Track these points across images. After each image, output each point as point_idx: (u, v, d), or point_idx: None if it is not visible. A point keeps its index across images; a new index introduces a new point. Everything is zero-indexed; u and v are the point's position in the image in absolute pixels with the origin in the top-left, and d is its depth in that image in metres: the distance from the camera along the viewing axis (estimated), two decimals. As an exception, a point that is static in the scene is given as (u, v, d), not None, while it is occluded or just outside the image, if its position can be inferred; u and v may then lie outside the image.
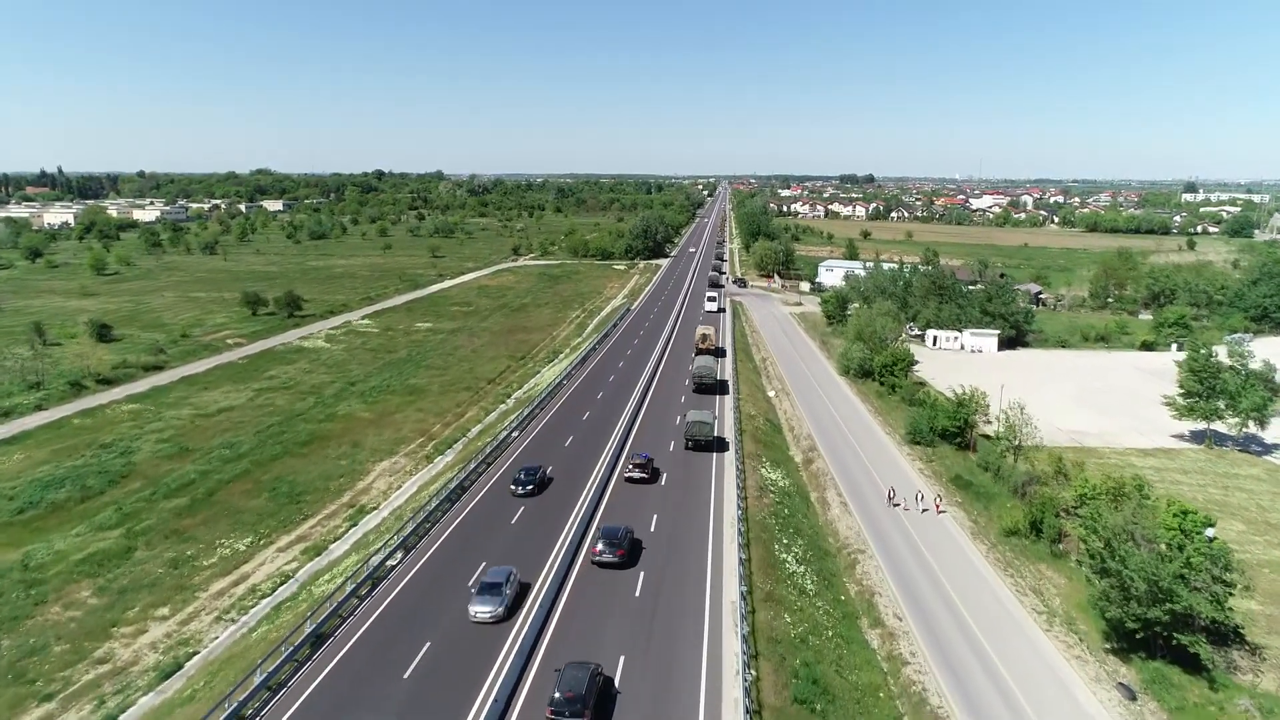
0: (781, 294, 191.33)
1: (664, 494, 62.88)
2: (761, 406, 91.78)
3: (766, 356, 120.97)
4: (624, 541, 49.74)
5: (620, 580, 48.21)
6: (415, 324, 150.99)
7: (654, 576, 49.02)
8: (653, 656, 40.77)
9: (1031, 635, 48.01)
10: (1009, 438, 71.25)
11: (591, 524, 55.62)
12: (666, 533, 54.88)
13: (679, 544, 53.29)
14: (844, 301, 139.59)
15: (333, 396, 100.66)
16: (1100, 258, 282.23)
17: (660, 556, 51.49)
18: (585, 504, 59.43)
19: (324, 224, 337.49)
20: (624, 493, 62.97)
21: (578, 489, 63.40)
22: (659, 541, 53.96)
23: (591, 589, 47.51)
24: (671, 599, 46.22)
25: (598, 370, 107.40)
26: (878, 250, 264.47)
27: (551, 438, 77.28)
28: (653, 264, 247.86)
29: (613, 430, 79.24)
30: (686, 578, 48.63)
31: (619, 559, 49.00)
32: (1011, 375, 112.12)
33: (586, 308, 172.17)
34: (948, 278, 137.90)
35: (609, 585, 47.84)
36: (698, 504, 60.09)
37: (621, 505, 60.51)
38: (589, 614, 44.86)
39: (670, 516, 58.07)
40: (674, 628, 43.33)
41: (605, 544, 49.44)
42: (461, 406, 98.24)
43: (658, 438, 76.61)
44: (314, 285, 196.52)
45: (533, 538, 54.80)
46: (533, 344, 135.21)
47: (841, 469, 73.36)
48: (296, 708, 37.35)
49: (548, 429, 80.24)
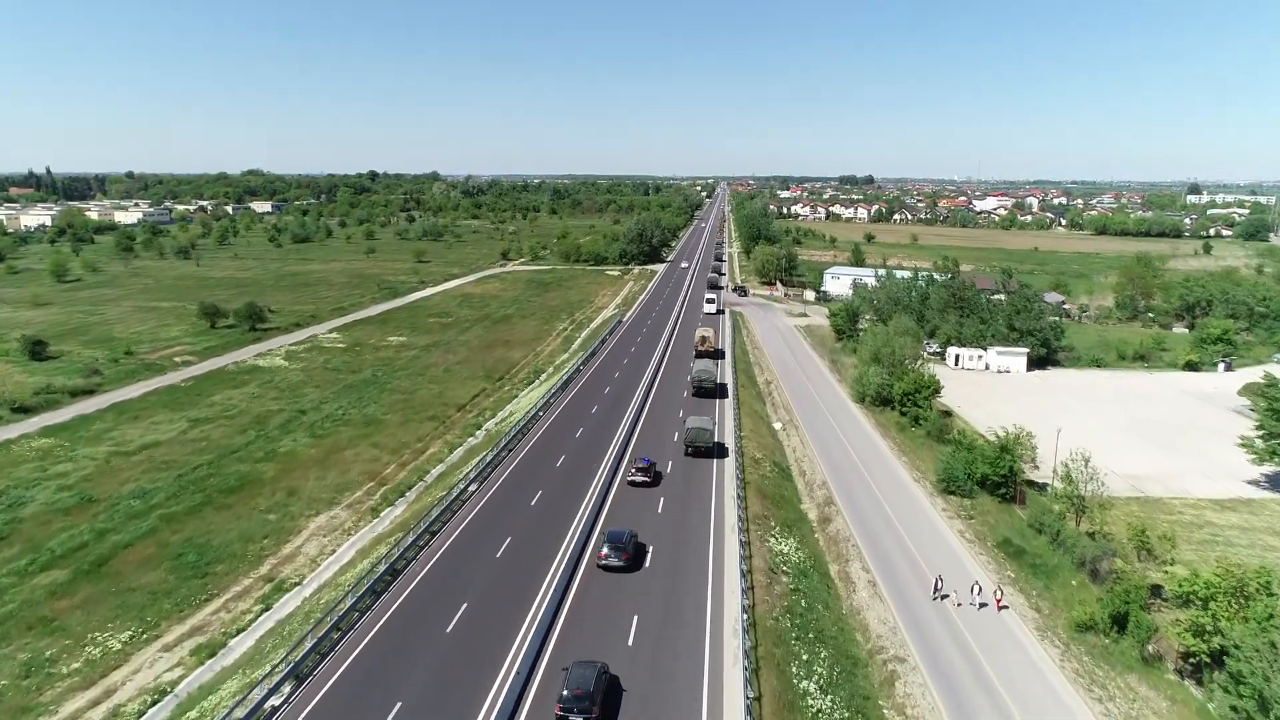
0: (785, 303, 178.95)
1: (645, 584, 50.51)
2: (767, 445, 79.33)
3: (771, 379, 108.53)
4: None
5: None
6: (387, 338, 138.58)
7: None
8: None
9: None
10: (1070, 495, 58.88)
11: (543, 656, 41.48)
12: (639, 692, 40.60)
13: (657, 691, 40.48)
14: (854, 315, 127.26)
15: (278, 429, 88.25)
16: (1117, 263, 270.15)
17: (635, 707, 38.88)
18: (540, 613, 45.39)
19: (308, 227, 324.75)
20: (595, 582, 50.55)
21: (535, 581, 49.11)
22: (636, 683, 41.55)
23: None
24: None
25: (580, 399, 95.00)
26: (885, 255, 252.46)
27: (516, 494, 64.65)
28: (648, 269, 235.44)
29: (590, 481, 66.83)
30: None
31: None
32: (1046, 401, 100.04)
33: (576, 318, 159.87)
34: (969, 289, 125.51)
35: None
36: (686, 618, 45.49)
37: (589, 613, 48.10)
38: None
39: (647, 658, 45.53)
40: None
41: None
42: (424, 440, 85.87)
43: (640, 508, 60.60)
44: (287, 293, 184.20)
45: (471, 666, 40.14)
46: (513, 362, 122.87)
47: (866, 531, 60.90)
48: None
49: (514, 481, 67.55)
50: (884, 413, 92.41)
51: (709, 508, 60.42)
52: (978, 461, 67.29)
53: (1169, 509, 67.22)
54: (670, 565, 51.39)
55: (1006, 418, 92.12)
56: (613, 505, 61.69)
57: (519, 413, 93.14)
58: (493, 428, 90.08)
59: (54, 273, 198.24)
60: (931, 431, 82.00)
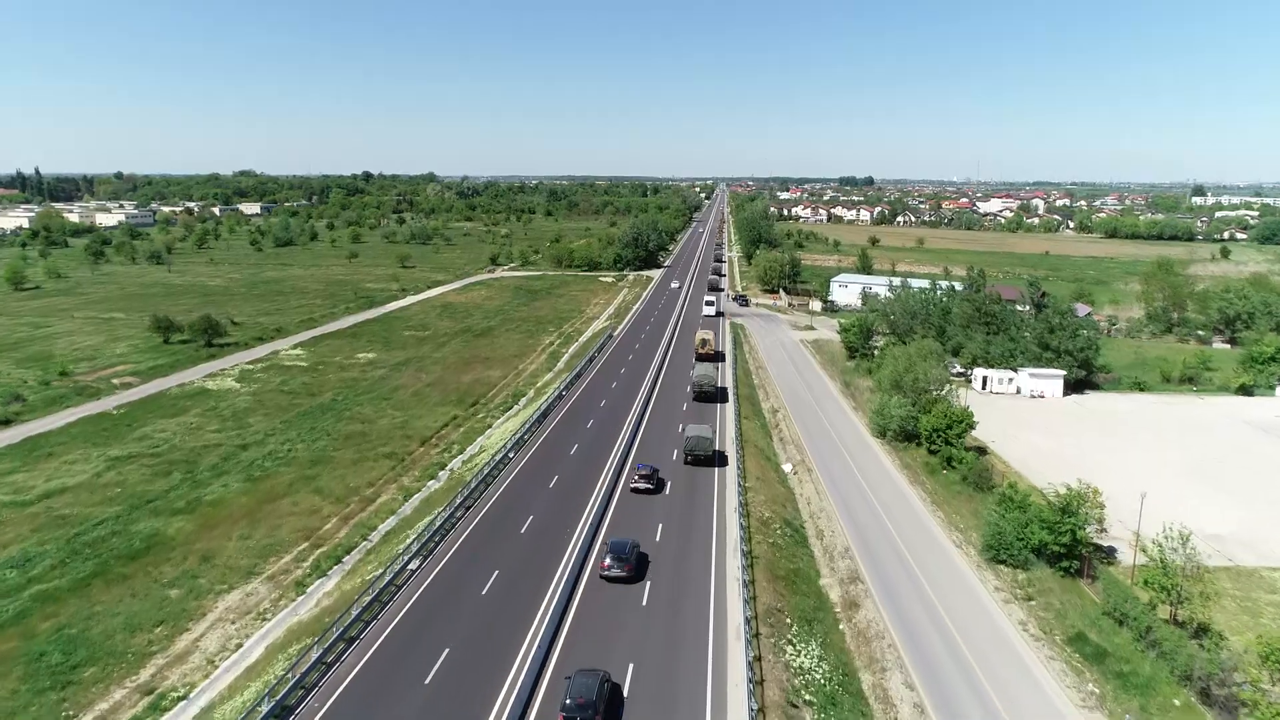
0: (789, 315, 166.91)
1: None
2: (777, 497, 67.25)
3: (778, 406, 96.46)
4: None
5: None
6: (355, 355, 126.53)
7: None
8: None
9: None
10: (1165, 584, 46.83)
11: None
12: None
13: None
14: (868, 331, 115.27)
15: (209, 470, 76.24)
16: (1134, 269, 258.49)
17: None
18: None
19: (291, 230, 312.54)
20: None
21: (489, 688, 38.66)
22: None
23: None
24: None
25: (559, 435, 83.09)
26: (892, 260, 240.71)
27: (466, 572, 52.67)
28: (644, 276, 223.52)
29: (560, 560, 54.82)
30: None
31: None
32: (1089, 433, 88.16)
33: (564, 331, 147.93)
34: (996, 303, 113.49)
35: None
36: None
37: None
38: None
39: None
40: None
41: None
42: (376, 485, 73.88)
43: (619, 606, 48.41)
44: (257, 302, 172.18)
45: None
46: (491, 383, 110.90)
47: (904, 623, 48.70)
48: None
49: (466, 553, 55.47)
50: (909, 450, 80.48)
51: (707, 601, 47.45)
52: (1033, 525, 55.33)
53: (1269, 583, 55.31)
54: (658, 697, 39.41)
55: (1048, 454, 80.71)
56: (581, 607, 48.68)
57: (489, 449, 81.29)
58: (458, 468, 78.16)
59: (10, 280, 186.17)
60: (968, 477, 70.05)
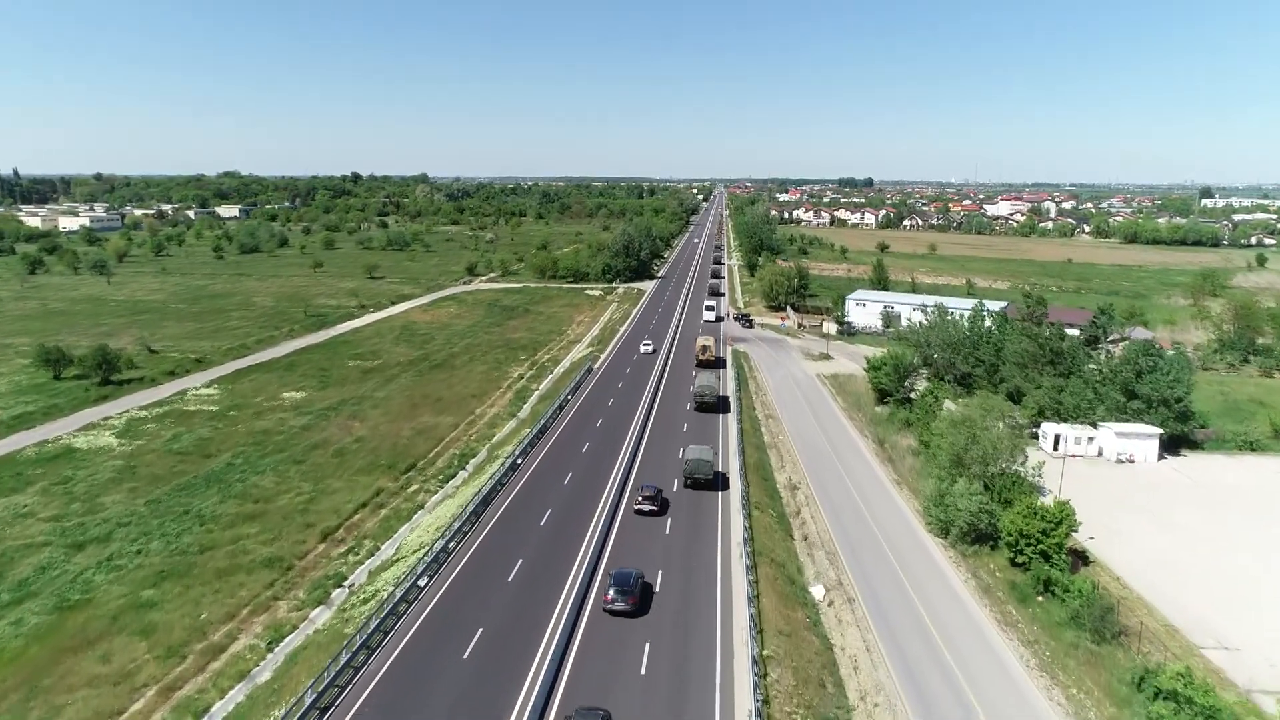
0: (799, 338, 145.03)
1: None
2: (806, 661, 45.16)
3: (797, 479, 74.49)
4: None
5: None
6: (282, 394, 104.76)
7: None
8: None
9: None
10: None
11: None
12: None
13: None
14: (904, 371, 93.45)
15: (8, 591, 54.50)
16: (1167, 278, 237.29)
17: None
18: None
19: (258, 235, 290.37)
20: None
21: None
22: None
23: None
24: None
25: (502, 537, 61.43)
26: (910, 272, 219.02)
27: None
28: (635, 288, 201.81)
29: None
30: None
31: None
32: (1211, 519, 66.10)
33: (538, 360, 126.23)
34: (1062, 338, 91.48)
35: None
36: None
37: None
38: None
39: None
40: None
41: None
42: (236, 619, 52.12)
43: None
44: (190, 323, 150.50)
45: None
46: (437, 436, 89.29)
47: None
48: None
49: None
50: (981, 556, 58.74)
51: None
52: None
53: None
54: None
55: (1174, 563, 58.26)
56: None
57: (410, 551, 59.75)
58: (358, 585, 56.41)
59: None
60: (1082, 617, 48.30)
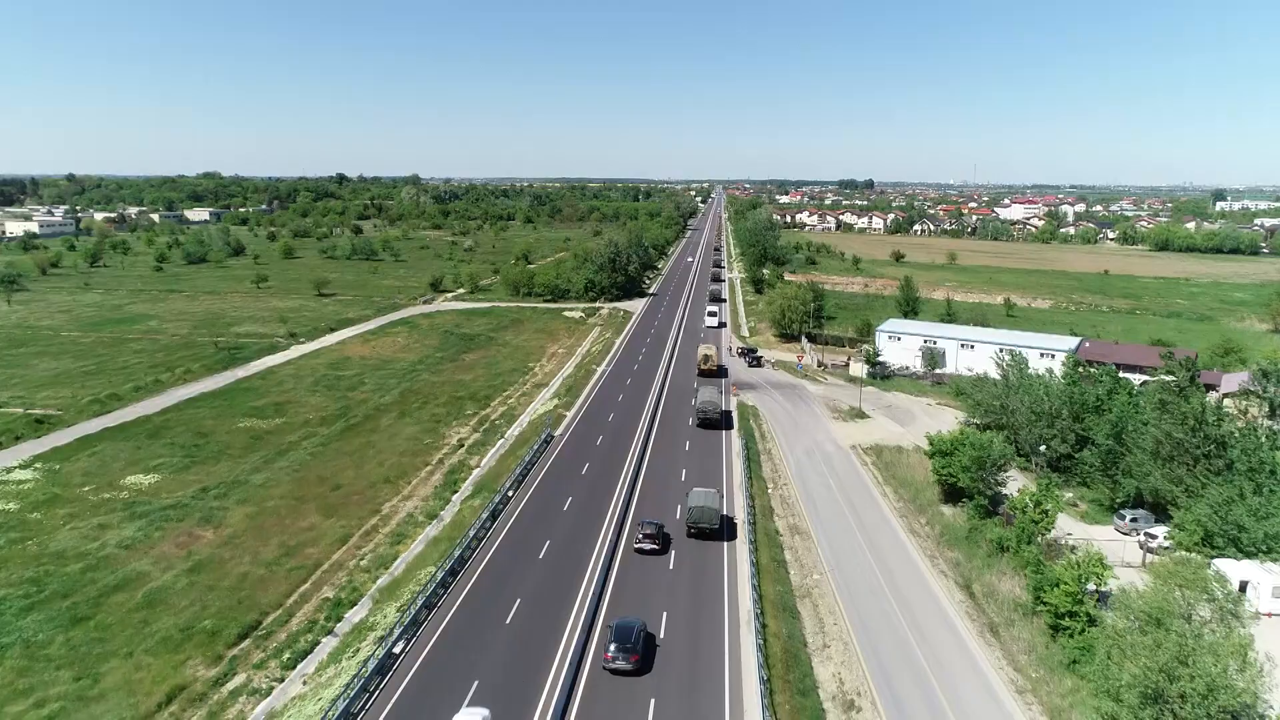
0: (820, 381, 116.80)
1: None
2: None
3: (849, 680, 46.07)
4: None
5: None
6: (125, 478, 76.52)
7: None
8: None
9: None
10: None
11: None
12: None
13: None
14: (985, 458, 65.26)
15: None
16: (1222, 293, 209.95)
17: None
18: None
19: (207, 244, 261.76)
20: None
21: None
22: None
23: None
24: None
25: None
26: (944, 287, 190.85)
27: None
28: (621, 309, 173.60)
29: None
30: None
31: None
32: None
33: (488, 416, 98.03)
34: (1205, 409, 62.83)
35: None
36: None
37: None
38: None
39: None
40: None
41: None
42: None
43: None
44: (69, 360, 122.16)
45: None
46: (315, 560, 61.14)
47: None
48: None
49: None
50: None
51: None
52: None
53: None
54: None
55: None
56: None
57: None
58: None
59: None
60: None
